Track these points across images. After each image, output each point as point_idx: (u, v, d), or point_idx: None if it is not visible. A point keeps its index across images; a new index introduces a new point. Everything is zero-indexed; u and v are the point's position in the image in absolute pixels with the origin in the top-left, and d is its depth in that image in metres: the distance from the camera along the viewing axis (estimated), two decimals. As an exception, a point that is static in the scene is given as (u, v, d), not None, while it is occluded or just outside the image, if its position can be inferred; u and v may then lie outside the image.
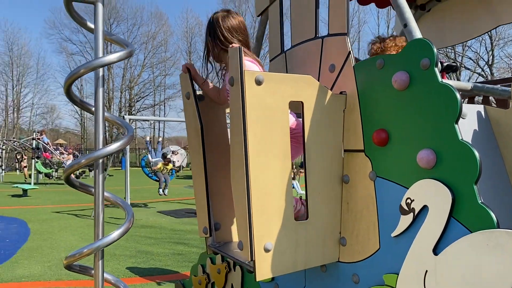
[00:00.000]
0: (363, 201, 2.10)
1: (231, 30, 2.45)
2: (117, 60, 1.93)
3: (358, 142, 2.13)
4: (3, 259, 6.94)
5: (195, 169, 2.56)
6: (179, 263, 6.69)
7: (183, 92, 2.57)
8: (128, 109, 45.22)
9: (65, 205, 12.93)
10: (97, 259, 1.94)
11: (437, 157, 1.73)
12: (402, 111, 1.89)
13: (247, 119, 1.94)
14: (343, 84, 2.22)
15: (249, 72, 1.95)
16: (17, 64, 44.77)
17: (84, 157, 1.92)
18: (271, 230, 2.03)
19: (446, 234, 1.69)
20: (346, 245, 2.20)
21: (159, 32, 46.56)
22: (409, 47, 1.87)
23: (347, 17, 2.22)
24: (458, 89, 1.73)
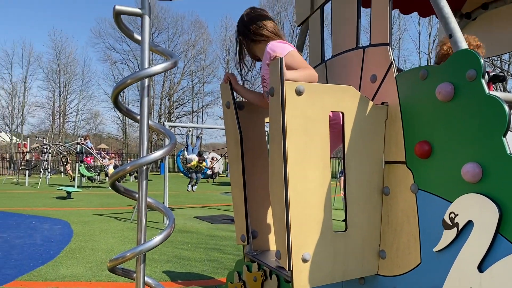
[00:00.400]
0: (404, 213, 2.06)
1: (259, 20, 2.52)
2: (162, 71, 2.00)
3: (400, 154, 2.09)
4: (47, 258, 7.23)
5: (233, 177, 2.59)
6: (214, 269, 6.74)
7: (223, 102, 2.61)
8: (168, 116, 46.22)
9: (106, 208, 13.32)
10: (139, 263, 2.00)
11: (483, 171, 1.68)
12: (446, 123, 1.85)
13: (286, 129, 1.95)
14: (385, 95, 2.19)
15: (290, 83, 1.96)
16: (64, 71, 46.77)
17: (129, 164, 1.99)
18: (309, 240, 2.03)
19: (492, 251, 1.63)
20: (385, 258, 2.17)
21: (198, 40, 47.48)
22: (454, 58, 1.83)
23: (389, 27, 2.20)
24: (506, 101, 1.68)
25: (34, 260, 7.11)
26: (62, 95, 46.78)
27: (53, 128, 45.35)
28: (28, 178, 22.45)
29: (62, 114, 46.78)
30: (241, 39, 2.56)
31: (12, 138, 43.56)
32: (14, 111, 44.78)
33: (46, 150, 24.58)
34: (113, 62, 46.92)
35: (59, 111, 46.69)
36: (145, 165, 1.98)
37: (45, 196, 16.69)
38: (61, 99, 46.80)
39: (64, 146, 25.88)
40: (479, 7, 3.37)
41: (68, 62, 46.84)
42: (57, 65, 46.32)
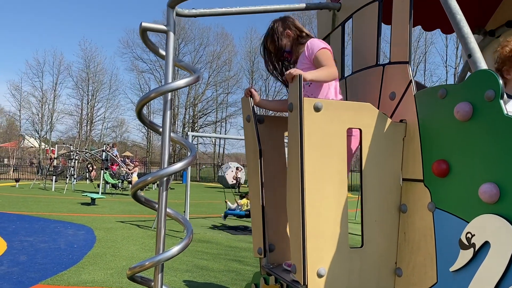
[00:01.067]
0: (421, 232, 2.06)
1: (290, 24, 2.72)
2: (184, 85, 2.07)
3: (417, 172, 2.09)
4: (70, 263, 7.38)
5: (252, 190, 2.63)
6: (233, 280, 6.75)
7: (244, 115, 2.67)
8: (191, 125, 46.74)
9: (128, 215, 13.52)
10: (157, 272, 2.06)
11: (501, 192, 1.67)
12: (464, 143, 1.85)
13: (304, 145, 1.98)
14: (404, 112, 2.20)
15: (308, 99, 2.00)
16: (93, 80, 47.94)
17: (150, 175, 2.07)
18: (325, 256, 2.05)
19: (509, 273, 1.62)
20: (402, 276, 2.16)
21: (223, 51, 48.01)
22: (473, 78, 1.84)
23: (409, 46, 2.22)
24: (525, 122, 1.67)
25: (58, 264, 7.27)
26: (90, 103, 47.95)
27: (80, 135, 46.42)
28: (54, 184, 23.01)
29: (89, 121, 47.89)
30: (275, 40, 2.69)
31: (41, 144, 44.78)
32: (44, 118, 46.11)
33: (73, 157, 25.18)
34: (140, 72, 47.92)
35: (86, 119, 47.83)
36: (166, 176, 2.05)
37: (70, 202, 17.06)
38: (88, 107, 47.97)
39: (90, 153, 26.46)
40: (503, 25, 3.34)
41: (96, 71, 48.07)
42: (86, 74, 47.58)
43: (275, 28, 2.69)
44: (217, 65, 47.39)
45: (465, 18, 3.34)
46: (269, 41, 2.73)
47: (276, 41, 2.67)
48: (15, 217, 12.33)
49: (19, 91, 45.84)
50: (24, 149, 42.46)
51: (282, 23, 2.70)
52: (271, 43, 2.72)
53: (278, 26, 2.69)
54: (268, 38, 2.74)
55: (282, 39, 2.66)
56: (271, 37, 2.71)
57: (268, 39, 2.74)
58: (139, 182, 2.11)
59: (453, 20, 1.97)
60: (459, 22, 1.94)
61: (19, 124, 46.99)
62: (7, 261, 7.30)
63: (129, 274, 2.07)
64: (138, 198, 2.14)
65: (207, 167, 44.87)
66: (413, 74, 2.21)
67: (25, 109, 46.07)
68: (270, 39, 2.72)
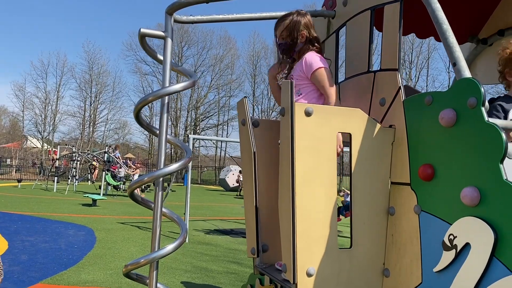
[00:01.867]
0: (407, 234, 2.12)
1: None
2: (181, 90, 2.16)
3: (405, 176, 2.17)
4: (70, 263, 7.46)
5: (246, 191, 2.70)
6: (231, 282, 6.82)
7: (239, 119, 2.74)
8: (193, 128, 46.85)
9: (128, 217, 13.60)
10: (152, 269, 2.14)
11: (481, 196, 1.74)
12: (448, 148, 1.92)
13: (295, 148, 2.06)
14: (393, 118, 2.28)
15: (299, 104, 2.08)
16: (96, 82, 48.12)
17: (147, 175, 2.15)
18: (314, 256, 2.12)
19: (487, 274, 1.68)
20: (389, 277, 2.22)
21: (226, 55, 48.16)
22: (457, 86, 1.91)
23: (399, 53, 2.29)
24: (506, 129, 1.74)
25: (58, 264, 7.35)
26: (93, 104, 48.15)
27: (83, 136, 46.58)
28: (56, 184, 23.12)
29: (92, 123, 48.06)
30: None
31: (43, 145, 44.96)
32: (47, 119, 46.32)
33: (75, 158, 25.29)
34: (143, 74, 48.10)
35: (89, 120, 48.01)
36: (162, 176, 2.12)
37: (71, 203, 17.15)
38: (91, 108, 48.15)
39: (92, 154, 26.58)
40: (495, 33, 3.42)
41: (100, 73, 48.27)
42: (89, 76, 47.79)
43: (296, 21, 2.61)
44: (220, 68, 47.53)
45: (459, 26, 3.43)
46: (281, 30, 2.65)
47: (290, 35, 2.61)
48: (17, 217, 12.42)
49: (22, 92, 46.14)
50: (26, 150, 42.63)
51: (303, 19, 2.63)
52: (284, 32, 2.64)
53: (300, 20, 2.61)
54: (281, 25, 2.66)
55: (295, 35, 2.61)
56: (287, 29, 2.62)
57: (281, 27, 2.66)
58: (136, 182, 2.19)
59: (440, 30, 2.05)
60: (445, 32, 2.01)
61: (22, 124, 47.28)
62: (8, 260, 7.38)
63: (125, 271, 2.14)
64: (135, 197, 2.21)
65: (208, 170, 44.95)
66: (402, 81, 2.29)
67: (28, 110, 46.35)
68: (282, 28, 2.64)
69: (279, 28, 2.65)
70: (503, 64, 2.39)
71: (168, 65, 2.20)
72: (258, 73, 47.73)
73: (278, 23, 2.67)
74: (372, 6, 2.52)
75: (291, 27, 2.59)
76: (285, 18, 2.64)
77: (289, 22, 2.60)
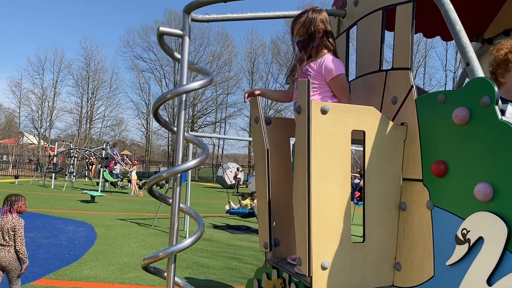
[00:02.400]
0: (420, 229, 2.18)
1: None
2: (199, 87, 2.20)
3: (417, 172, 2.22)
4: (72, 259, 7.50)
5: (259, 188, 2.75)
6: (233, 278, 6.88)
7: (252, 116, 2.79)
8: (191, 125, 46.82)
9: (128, 213, 13.63)
10: (170, 262, 2.19)
11: (494, 191, 1.81)
12: (461, 145, 1.98)
13: (311, 145, 2.11)
14: (405, 116, 2.33)
15: (316, 102, 2.13)
16: (93, 78, 47.95)
17: (166, 172, 2.19)
18: (328, 250, 2.17)
19: (500, 266, 1.75)
20: (401, 270, 2.29)
21: (224, 52, 48.12)
22: (470, 85, 1.97)
23: (411, 53, 2.35)
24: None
25: (60, 260, 7.39)
26: (89, 101, 48.01)
27: (80, 133, 46.46)
28: (54, 181, 23.08)
29: (88, 119, 47.93)
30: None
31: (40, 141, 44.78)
32: (43, 115, 46.16)
33: (72, 154, 25.24)
34: (140, 70, 47.96)
35: (86, 117, 47.87)
36: (180, 172, 2.17)
37: (70, 199, 17.15)
38: (88, 105, 48.01)
39: (90, 151, 26.53)
40: (500, 33, 3.48)
41: (97, 70, 48.09)
42: (86, 72, 47.62)
43: (312, 18, 2.63)
44: (217, 65, 47.46)
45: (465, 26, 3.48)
46: (298, 27, 2.67)
47: (307, 32, 2.63)
48: (16, 213, 12.41)
49: (19, 87, 45.94)
50: (23, 146, 42.48)
51: (320, 15, 2.66)
52: (301, 29, 2.66)
53: (315, 16, 2.63)
54: (297, 24, 2.68)
55: (313, 30, 2.62)
56: (303, 26, 2.64)
57: (298, 25, 2.68)
58: (155, 178, 2.23)
59: (453, 31, 2.10)
60: (459, 33, 2.07)
61: (18, 121, 47.08)
62: (10, 256, 7.40)
63: (144, 264, 2.19)
64: (153, 193, 2.26)
65: (206, 167, 44.97)
66: (413, 80, 2.34)
67: (25, 106, 46.18)
68: (299, 26, 2.66)
69: (296, 27, 2.68)
70: (496, 65, 2.38)
71: (185, 63, 2.24)
72: (256, 70, 47.77)
73: (294, 21, 2.70)
74: (384, 6, 2.57)
75: (308, 23, 2.61)
76: (301, 16, 2.67)
77: (305, 19, 2.63)
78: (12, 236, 4.47)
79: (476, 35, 3.61)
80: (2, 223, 4.48)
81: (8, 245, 4.47)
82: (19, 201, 4.66)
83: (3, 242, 4.45)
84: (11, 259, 4.45)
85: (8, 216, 4.55)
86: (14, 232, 4.48)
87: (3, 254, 4.43)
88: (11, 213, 4.59)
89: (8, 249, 4.46)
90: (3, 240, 4.45)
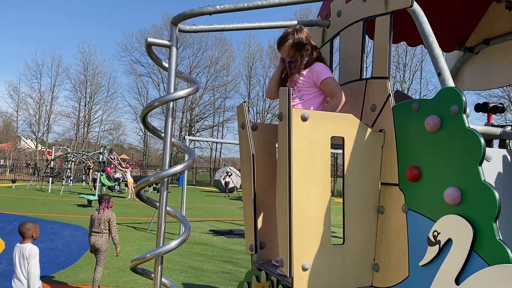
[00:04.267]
0: (396, 231, 2.28)
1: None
2: (185, 96, 2.31)
3: (394, 177, 2.33)
4: (68, 263, 7.57)
5: (245, 191, 2.85)
6: (227, 281, 6.96)
7: (239, 122, 2.89)
8: (189, 129, 46.91)
9: (124, 218, 13.67)
10: (157, 264, 2.28)
11: (462, 195, 1.91)
12: (433, 151, 2.09)
13: (292, 151, 2.21)
14: (383, 123, 2.44)
15: (296, 110, 2.23)
16: (91, 82, 48.04)
17: (153, 176, 2.29)
18: (309, 251, 2.27)
19: (467, 266, 1.85)
20: (379, 271, 2.38)
21: (222, 56, 48.29)
22: (441, 94, 2.07)
23: (389, 62, 2.46)
24: (487, 134, 1.91)
25: (56, 264, 7.46)
26: (87, 105, 48.06)
27: (77, 137, 46.48)
28: (51, 185, 23.12)
29: (86, 124, 47.97)
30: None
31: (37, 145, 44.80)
32: (41, 119, 46.18)
33: (70, 159, 25.30)
34: (138, 75, 48.09)
35: (83, 121, 47.91)
36: (167, 177, 2.27)
37: (67, 203, 17.20)
38: (86, 109, 48.07)
39: (87, 155, 26.59)
40: (481, 42, 3.60)
41: (95, 74, 48.20)
42: (84, 76, 47.71)
43: (299, 38, 2.79)
44: (215, 70, 47.67)
45: (448, 35, 3.61)
46: (287, 49, 2.82)
47: (296, 53, 2.79)
48: (13, 218, 12.47)
49: (17, 92, 46.00)
50: (20, 150, 42.48)
51: (303, 34, 2.82)
52: (291, 51, 2.81)
53: (301, 37, 2.80)
54: (285, 46, 2.82)
55: (302, 52, 2.78)
56: (293, 48, 2.79)
57: (286, 48, 2.82)
58: (142, 182, 2.32)
59: (426, 42, 2.21)
60: (431, 44, 2.18)
61: (16, 125, 47.11)
62: (6, 260, 7.48)
63: (132, 265, 2.28)
64: (141, 197, 2.35)
65: (203, 171, 45.02)
66: (391, 89, 2.44)
67: (23, 110, 46.22)
68: (289, 48, 2.81)
69: (283, 49, 2.85)
70: None
71: (173, 72, 2.34)
72: (253, 74, 47.95)
73: (280, 44, 2.86)
74: (364, 17, 2.68)
75: (297, 46, 2.79)
76: (286, 39, 2.82)
77: (293, 41, 2.80)
78: (107, 226, 5.92)
79: (458, 44, 3.72)
80: (101, 216, 5.94)
81: (102, 232, 5.89)
82: (110, 200, 6.18)
83: (98, 230, 5.88)
84: (103, 243, 5.89)
85: (105, 210, 6.01)
86: (109, 223, 5.94)
87: (98, 240, 5.87)
88: (108, 208, 6.07)
89: (101, 235, 5.89)
90: (99, 229, 5.88)
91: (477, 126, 1.98)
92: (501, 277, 1.68)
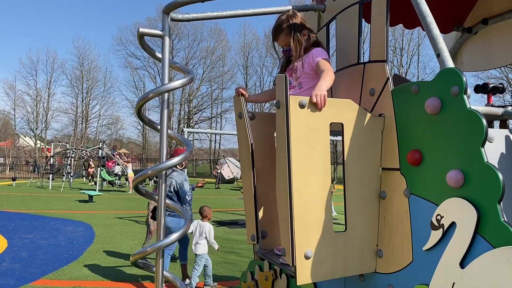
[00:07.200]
0: (398, 216, 2.26)
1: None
2: (180, 86, 2.26)
3: (395, 161, 2.29)
4: (71, 259, 7.57)
5: (245, 181, 2.82)
6: (230, 271, 6.97)
7: (236, 112, 2.85)
8: (187, 122, 46.78)
9: (126, 211, 13.70)
10: (158, 257, 2.25)
11: (465, 177, 1.88)
12: (434, 134, 2.05)
13: (291, 139, 2.17)
14: (382, 107, 2.40)
15: (293, 97, 2.19)
16: (87, 77, 47.88)
17: (151, 169, 2.25)
18: (311, 239, 2.24)
19: (471, 249, 1.82)
20: (382, 257, 2.36)
21: (217, 47, 47.99)
22: (441, 75, 2.03)
23: (387, 45, 2.41)
24: (487, 114, 1.87)
25: (59, 260, 7.47)
26: (84, 101, 47.89)
27: (76, 133, 46.39)
28: (51, 182, 23.11)
29: (84, 119, 47.84)
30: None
31: (36, 142, 44.72)
32: (39, 116, 46.06)
33: (69, 155, 25.26)
34: (134, 68, 47.85)
35: (81, 117, 47.78)
36: (165, 169, 2.23)
37: (68, 199, 17.21)
38: (83, 104, 47.91)
39: (86, 151, 26.55)
40: (479, 22, 3.54)
41: (91, 69, 47.98)
42: (80, 72, 47.48)
43: (294, 24, 2.70)
44: (211, 60, 47.41)
45: (445, 16, 3.55)
46: (284, 38, 2.74)
47: (294, 40, 2.70)
48: (14, 215, 12.48)
49: (13, 89, 45.83)
50: (19, 148, 42.42)
51: (297, 19, 2.73)
52: (288, 38, 2.72)
53: (296, 22, 2.71)
54: (281, 35, 2.74)
55: (299, 37, 2.70)
56: (289, 35, 2.71)
57: (282, 36, 2.74)
58: (140, 175, 2.29)
59: (424, 22, 2.16)
60: (429, 24, 2.13)
61: (14, 123, 46.96)
62: (9, 257, 7.48)
63: (133, 259, 2.25)
64: (140, 190, 2.32)
65: (203, 163, 45.01)
66: (390, 72, 2.40)
67: (20, 108, 46.08)
68: (285, 36, 2.73)
69: (280, 39, 2.76)
70: None
71: (166, 63, 2.29)
72: (250, 64, 47.72)
73: (276, 33, 2.77)
74: (360, 0, 2.63)
75: (293, 32, 2.70)
76: (281, 27, 2.73)
77: (288, 29, 2.70)
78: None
79: (456, 25, 3.67)
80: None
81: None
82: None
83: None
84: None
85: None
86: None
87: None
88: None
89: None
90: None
91: (479, 107, 1.94)
92: (506, 259, 1.66)
